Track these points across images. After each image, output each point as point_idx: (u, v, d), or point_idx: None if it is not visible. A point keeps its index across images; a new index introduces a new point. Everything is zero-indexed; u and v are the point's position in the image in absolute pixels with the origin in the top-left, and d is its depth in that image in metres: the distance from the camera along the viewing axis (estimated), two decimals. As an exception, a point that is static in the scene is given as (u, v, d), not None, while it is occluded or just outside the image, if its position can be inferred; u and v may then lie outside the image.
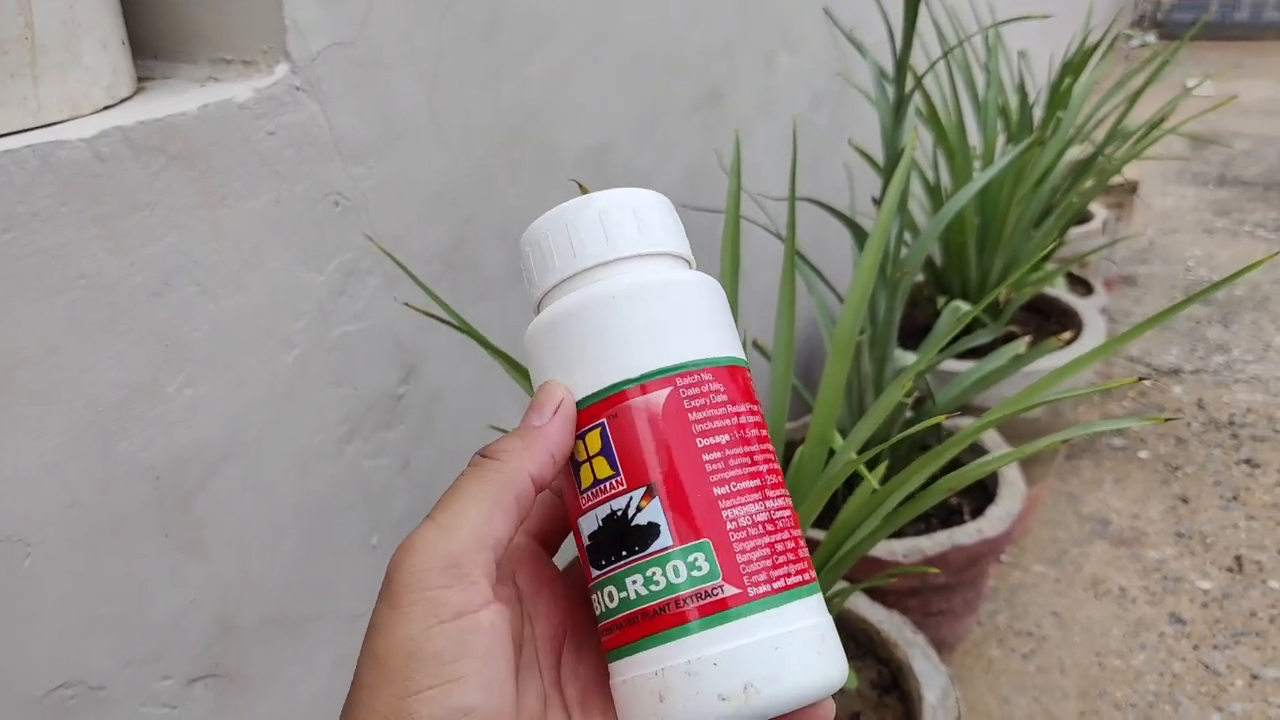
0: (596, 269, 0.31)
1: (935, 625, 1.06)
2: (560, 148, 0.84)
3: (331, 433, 0.66)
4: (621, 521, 0.29)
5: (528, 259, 0.32)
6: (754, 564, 0.28)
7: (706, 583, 0.28)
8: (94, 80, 0.53)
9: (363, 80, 0.63)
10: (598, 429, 0.29)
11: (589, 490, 0.30)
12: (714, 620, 0.27)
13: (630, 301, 0.30)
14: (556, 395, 0.30)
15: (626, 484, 0.29)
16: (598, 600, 0.29)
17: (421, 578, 0.26)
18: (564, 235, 0.31)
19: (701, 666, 0.27)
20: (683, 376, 0.29)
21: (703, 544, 0.28)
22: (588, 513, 0.30)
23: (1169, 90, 1.57)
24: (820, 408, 0.75)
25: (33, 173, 0.47)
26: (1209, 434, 1.77)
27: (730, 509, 0.29)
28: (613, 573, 0.29)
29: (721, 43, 1.09)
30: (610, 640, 0.29)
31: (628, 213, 0.31)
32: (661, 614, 0.28)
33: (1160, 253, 2.65)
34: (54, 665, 0.53)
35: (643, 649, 0.28)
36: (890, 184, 0.83)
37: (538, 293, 0.32)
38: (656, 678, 0.27)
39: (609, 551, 0.29)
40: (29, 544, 0.50)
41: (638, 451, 0.29)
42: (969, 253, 1.37)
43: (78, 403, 0.51)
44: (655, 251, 0.32)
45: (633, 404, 0.29)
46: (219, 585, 0.61)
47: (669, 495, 0.28)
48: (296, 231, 0.61)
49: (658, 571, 0.28)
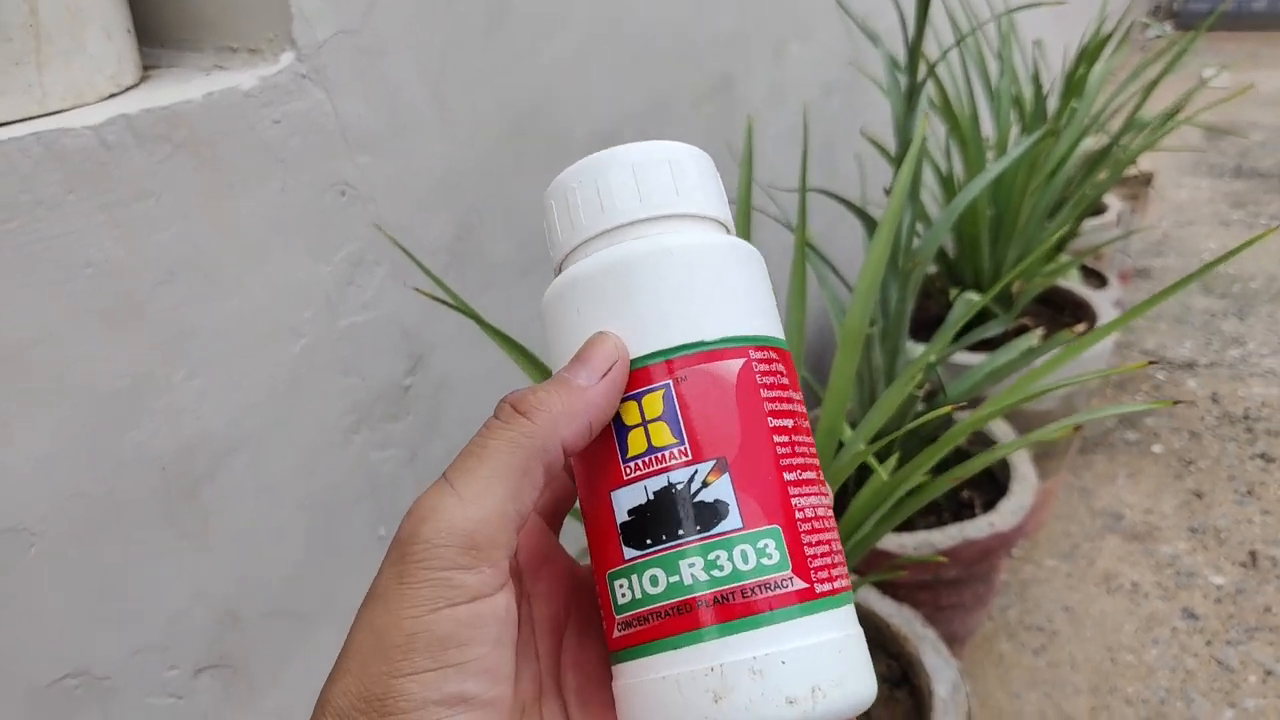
0: (646, 223, 0.28)
1: (945, 619, 1.05)
2: (567, 137, 0.84)
3: (339, 423, 0.66)
4: (681, 496, 0.26)
5: (553, 212, 0.30)
6: (819, 559, 0.26)
7: (776, 573, 0.25)
8: (98, 68, 0.52)
9: (369, 69, 0.63)
10: (660, 390, 0.26)
11: (638, 458, 0.26)
12: (783, 614, 0.25)
13: (700, 258, 0.28)
14: (611, 352, 0.26)
15: (692, 455, 0.26)
16: (628, 586, 0.26)
17: (437, 554, 0.24)
18: (609, 184, 0.28)
19: (769, 664, 0.24)
20: (757, 349, 0.27)
21: (773, 530, 0.26)
22: (634, 484, 0.26)
23: (1185, 81, 1.55)
24: (830, 399, 0.75)
25: (37, 160, 0.47)
26: (1223, 428, 1.75)
27: (798, 497, 0.26)
28: (661, 554, 0.25)
29: (731, 31, 1.08)
30: (642, 632, 0.26)
31: (668, 166, 0.29)
32: (723, 603, 0.25)
33: (1175, 245, 2.62)
34: (60, 655, 0.53)
35: (695, 642, 0.25)
36: (901, 172, 0.82)
37: (568, 246, 0.29)
38: (712, 674, 0.24)
39: (659, 530, 0.26)
40: (34, 534, 0.50)
41: (710, 419, 0.26)
42: (982, 244, 1.36)
43: (83, 392, 0.51)
44: (707, 215, 0.29)
45: (708, 368, 0.26)
46: (225, 576, 0.61)
47: (741, 473, 0.26)
48: (303, 221, 0.61)
49: (722, 555, 0.25)
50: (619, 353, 0.26)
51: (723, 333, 0.27)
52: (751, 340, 0.27)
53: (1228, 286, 2.33)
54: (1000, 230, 1.36)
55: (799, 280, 0.77)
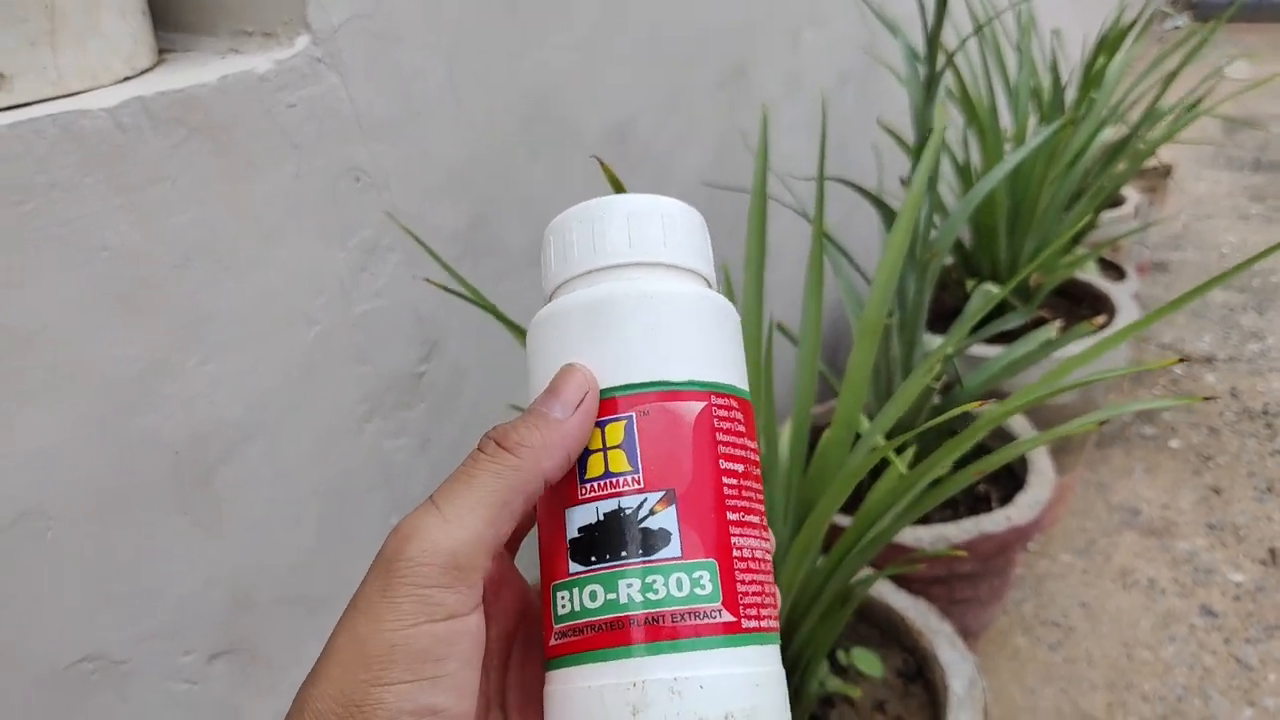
0: (633, 268, 0.30)
1: (960, 613, 1.04)
2: (582, 125, 0.83)
3: (352, 411, 0.66)
4: (630, 520, 0.27)
5: (552, 246, 0.31)
6: (750, 597, 0.28)
7: (706, 604, 0.27)
8: (113, 50, 0.52)
9: (383, 54, 0.63)
10: (623, 421, 0.28)
11: (595, 481, 0.28)
12: (708, 643, 0.27)
13: (676, 305, 0.29)
14: (582, 383, 0.28)
15: (645, 484, 0.28)
16: (569, 598, 0.28)
17: (420, 572, 0.25)
18: (597, 228, 0.30)
19: (688, 686, 0.26)
20: (718, 396, 0.29)
21: (709, 563, 0.27)
22: (587, 504, 0.28)
23: (1203, 72, 1.53)
24: (847, 391, 0.74)
25: (53, 142, 0.46)
26: (1242, 423, 1.74)
27: (738, 537, 0.28)
28: (602, 572, 0.27)
29: (746, 18, 1.07)
30: (576, 643, 0.27)
31: (660, 219, 0.31)
32: (653, 624, 0.26)
33: (1193, 238, 2.60)
34: (76, 639, 0.52)
35: (622, 657, 0.26)
36: (920, 162, 0.81)
37: (559, 279, 0.31)
38: (634, 689, 0.26)
39: (605, 549, 0.27)
40: (50, 518, 0.50)
41: (665, 454, 0.28)
42: (999, 235, 1.35)
43: (97, 377, 0.51)
44: (690, 268, 0.31)
45: (670, 406, 0.28)
46: (238, 562, 0.61)
47: (687, 506, 0.28)
48: (317, 207, 0.60)
49: (659, 580, 0.27)
50: (589, 384, 0.28)
51: (688, 376, 0.29)
52: (715, 387, 0.29)
53: (1247, 280, 2.31)
54: (1018, 221, 1.35)
55: (816, 271, 0.76)
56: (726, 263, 0.84)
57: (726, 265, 0.81)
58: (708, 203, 1.05)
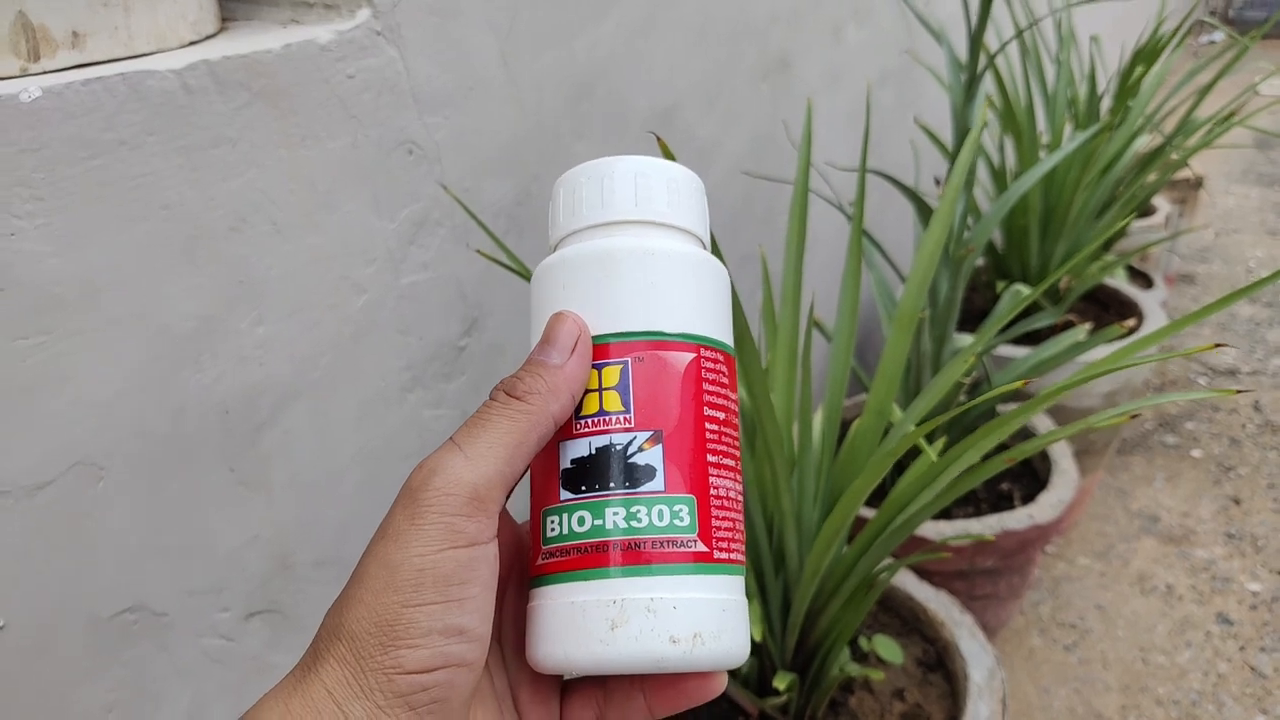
0: (638, 225, 0.32)
1: (979, 609, 1.05)
2: (628, 107, 0.84)
3: (395, 379, 0.67)
4: (619, 455, 0.30)
5: (559, 199, 0.33)
6: (722, 531, 0.30)
7: (684, 534, 0.29)
8: (181, 15, 0.53)
9: (440, 29, 0.63)
10: (619, 366, 0.30)
11: (589, 418, 0.30)
12: (683, 568, 0.29)
13: (674, 263, 0.32)
14: (574, 329, 0.30)
15: (635, 424, 0.30)
16: (558, 522, 0.30)
17: (445, 502, 0.27)
18: (605, 185, 0.32)
19: (662, 606, 0.28)
20: (706, 349, 0.31)
21: (688, 498, 0.30)
22: (581, 438, 0.30)
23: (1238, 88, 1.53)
24: (879, 382, 0.75)
25: (122, 100, 0.48)
26: (1264, 436, 1.73)
27: (715, 478, 0.31)
28: (591, 500, 0.29)
29: (791, 9, 1.08)
30: (562, 563, 0.29)
31: (666, 182, 0.33)
32: (634, 549, 0.29)
33: (1221, 252, 2.59)
34: (121, 589, 0.54)
35: (603, 577, 0.29)
36: (959, 159, 0.82)
37: (566, 230, 0.33)
38: (613, 606, 0.28)
39: (594, 479, 0.30)
40: (102, 468, 0.51)
41: (655, 397, 0.30)
42: (1031, 238, 1.35)
43: (153, 332, 0.52)
44: (688, 229, 0.33)
45: (662, 354, 0.31)
46: (279, 523, 0.62)
47: (672, 446, 0.30)
48: (371, 177, 0.61)
49: (642, 510, 0.29)
50: (579, 328, 0.31)
51: (681, 328, 0.31)
52: (705, 340, 0.31)
53: (1273, 295, 2.30)
54: (1050, 225, 1.35)
55: (854, 263, 0.77)
56: (763, 249, 0.85)
57: (764, 251, 0.82)
58: (745, 191, 1.06)
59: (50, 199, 0.46)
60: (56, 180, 0.46)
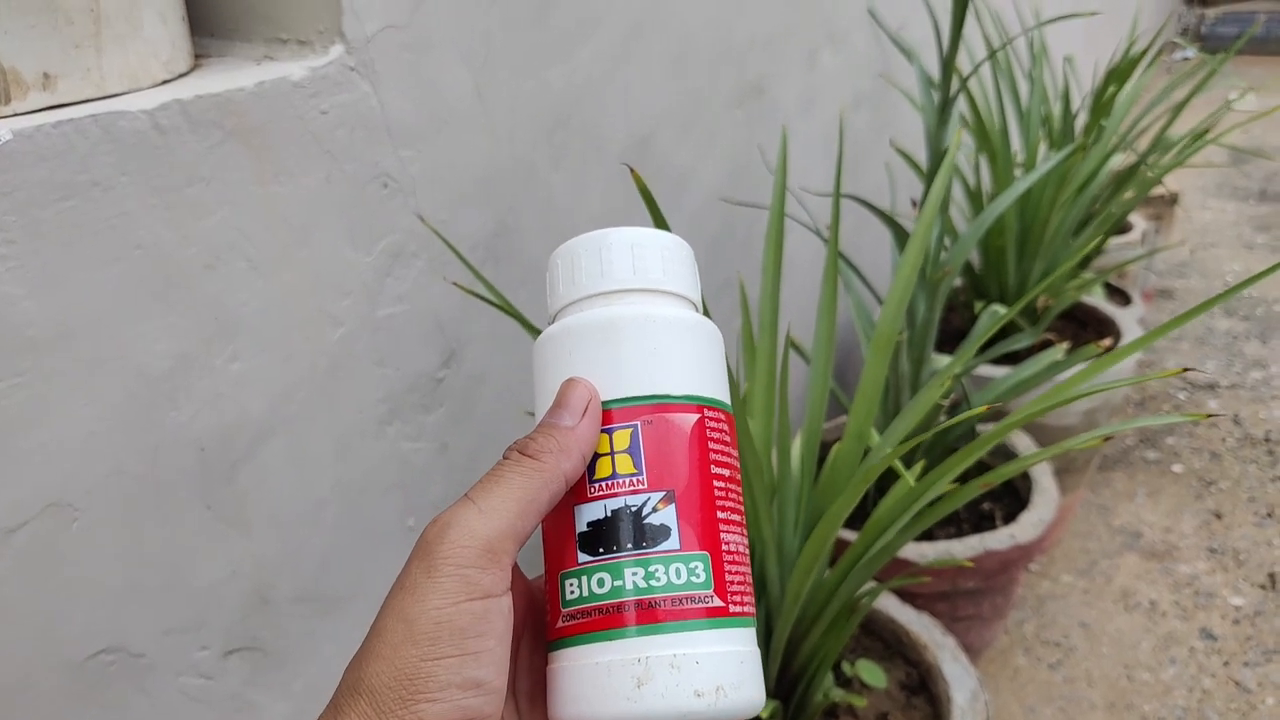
0: (636, 293, 0.33)
1: (962, 630, 1.05)
2: (604, 137, 0.84)
3: (372, 412, 0.67)
4: (634, 517, 0.31)
5: (558, 270, 0.34)
6: (735, 585, 0.31)
7: (701, 590, 0.30)
8: (153, 54, 0.53)
9: (414, 64, 0.64)
10: (629, 429, 0.31)
11: (603, 481, 0.31)
12: (703, 624, 0.30)
13: (674, 328, 0.33)
14: (585, 394, 0.31)
15: (648, 485, 0.31)
16: (577, 585, 0.31)
17: (460, 554, 0.28)
18: (603, 256, 0.33)
19: (686, 662, 0.29)
20: (709, 410, 0.33)
21: (703, 555, 0.31)
22: (595, 501, 0.31)
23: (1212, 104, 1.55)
24: (858, 405, 0.75)
25: (94, 142, 0.48)
26: (1244, 450, 1.75)
27: (725, 533, 0.32)
28: (609, 561, 0.30)
29: (766, 36, 1.09)
30: (583, 625, 0.30)
31: (660, 251, 0.34)
32: (654, 608, 0.30)
33: (1198, 267, 2.61)
34: (98, 629, 0.53)
35: (625, 636, 0.30)
36: (933, 183, 0.82)
37: (566, 299, 0.34)
38: (638, 664, 0.29)
39: (611, 542, 0.30)
40: (76, 509, 0.51)
41: (665, 459, 0.31)
42: (1008, 258, 1.36)
43: (128, 372, 0.52)
44: (684, 295, 0.34)
45: (669, 416, 0.32)
46: (258, 559, 0.61)
47: (684, 505, 0.31)
48: (346, 211, 0.62)
49: (660, 569, 0.30)
50: (590, 393, 0.32)
51: (685, 391, 0.32)
52: (707, 401, 0.33)
53: (1250, 309, 2.32)
54: (1026, 244, 1.36)
55: (830, 289, 0.78)
56: (741, 275, 0.85)
57: (742, 278, 0.82)
58: (722, 217, 1.07)
59: (23, 241, 0.46)
60: (29, 223, 0.46)
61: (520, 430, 0.80)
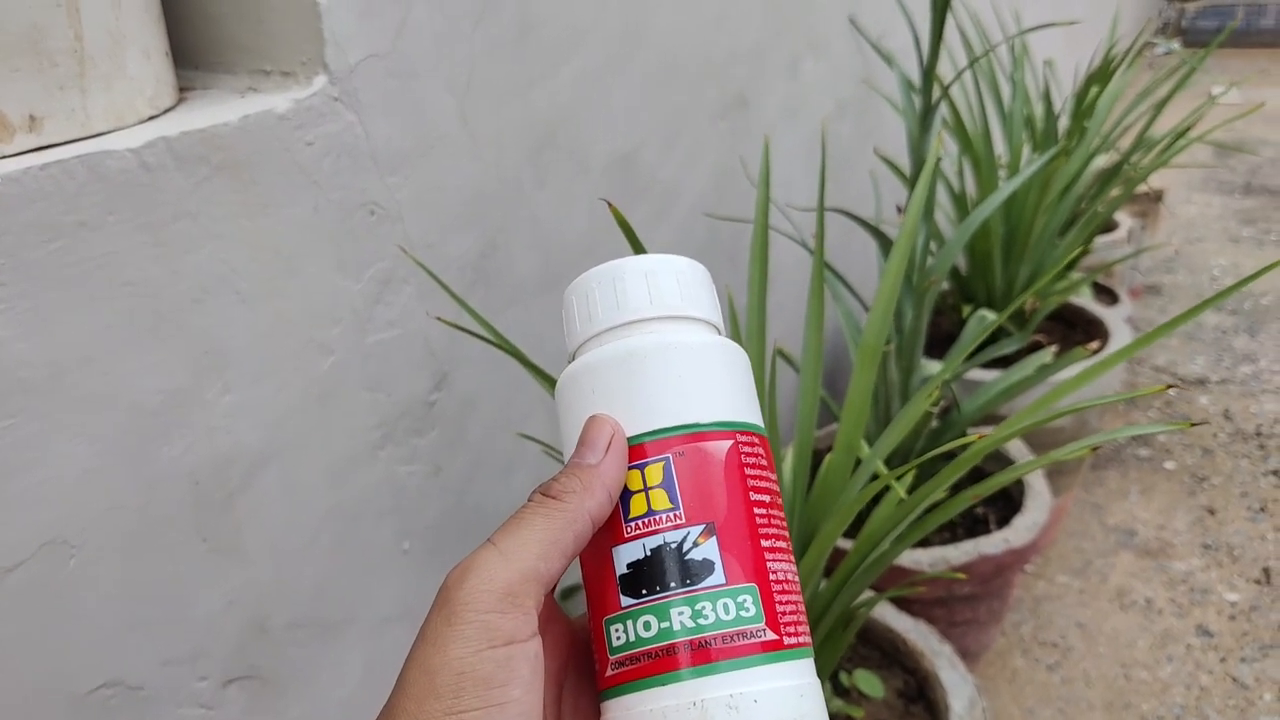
0: (655, 322, 0.32)
1: (960, 635, 1.06)
2: (588, 154, 0.85)
3: (365, 438, 0.67)
4: (674, 553, 0.29)
5: (573, 307, 0.34)
6: (787, 615, 0.30)
7: (751, 624, 0.29)
8: (138, 91, 0.54)
9: (398, 91, 0.64)
10: (660, 463, 0.30)
11: (639, 519, 0.30)
12: (757, 660, 0.29)
13: (697, 353, 0.32)
14: (607, 431, 0.30)
15: (686, 519, 0.30)
16: (623, 630, 0.29)
17: (480, 600, 0.27)
18: (618, 287, 0.32)
19: (744, 702, 0.28)
20: (742, 434, 0.31)
21: (751, 587, 0.29)
22: (633, 541, 0.30)
23: (1194, 99, 1.56)
24: (847, 416, 0.76)
25: (81, 183, 0.48)
26: (1236, 445, 1.75)
27: (772, 562, 0.30)
28: (654, 603, 0.29)
29: (748, 48, 1.09)
30: (633, 671, 0.29)
31: (675, 275, 0.33)
32: (705, 648, 0.28)
33: (1185, 262, 2.63)
34: (97, 665, 0.54)
35: (678, 680, 0.28)
36: (916, 191, 0.83)
37: (584, 336, 0.33)
38: (694, 709, 0.28)
39: (654, 582, 0.29)
40: (73, 546, 0.51)
41: (701, 490, 0.30)
42: (994, 261, 1.37)
43: (120, 408, 0.52)
44: (703, 318, 0.33)
45: (702, 446, 0.30)
46: (255, 588, 0.62)
47: (726, 537, 0.30)
48: (334, 240, 0.62)
49: (707, 606, 0.29)
50: (614, 428, 0.31)
51: (715, 417, 0.31)
52: (738, 426, 0.31)
53: (1239, 303, 2.33)
54: (1012, 248, 1.37)
55: (816, 300, 0.78)
56: (729, 288, 0.86)
57: (729, 291, 0.83)
58: (708, 230, 1.07)
59: (12, 284, 0.46)
60: (18, 265, 0.46)
61: (513, 450, 0.81)
